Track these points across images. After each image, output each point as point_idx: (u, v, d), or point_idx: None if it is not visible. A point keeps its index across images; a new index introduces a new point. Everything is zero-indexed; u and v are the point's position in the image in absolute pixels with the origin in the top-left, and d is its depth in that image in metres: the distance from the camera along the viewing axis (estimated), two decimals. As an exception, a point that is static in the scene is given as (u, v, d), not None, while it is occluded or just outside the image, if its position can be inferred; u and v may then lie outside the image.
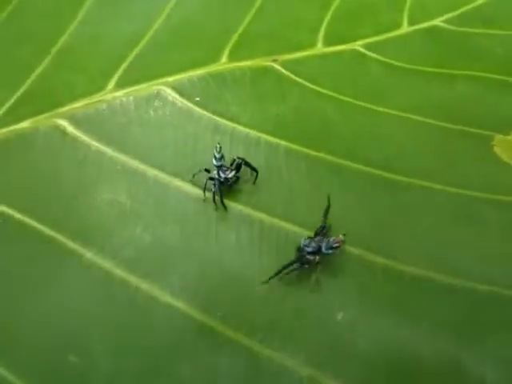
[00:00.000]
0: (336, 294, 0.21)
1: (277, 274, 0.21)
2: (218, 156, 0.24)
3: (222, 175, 0.23)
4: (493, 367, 0.19)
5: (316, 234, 0.22)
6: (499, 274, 0.21)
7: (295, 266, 0.21)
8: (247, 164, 0.24)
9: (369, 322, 0.20)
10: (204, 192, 0.23)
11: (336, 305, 0.20)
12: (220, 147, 0.24)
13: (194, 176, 0.24)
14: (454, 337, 0.19)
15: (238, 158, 0.24)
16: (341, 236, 0.22)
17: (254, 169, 0.24)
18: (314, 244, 0.22)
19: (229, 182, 0.23)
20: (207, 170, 0.24)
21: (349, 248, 0.22)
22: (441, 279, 0.21)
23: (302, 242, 0.22)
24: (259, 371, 0.19)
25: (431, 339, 0.19)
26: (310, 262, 0.21)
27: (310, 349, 0.19)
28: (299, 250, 0.22)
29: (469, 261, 0.22)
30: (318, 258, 0.21)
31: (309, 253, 0.21)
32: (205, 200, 0.23)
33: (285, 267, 0.21)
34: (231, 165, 0.24)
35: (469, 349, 0.19)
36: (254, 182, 0.24)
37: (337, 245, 0.22)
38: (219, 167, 0.24)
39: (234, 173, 0.24)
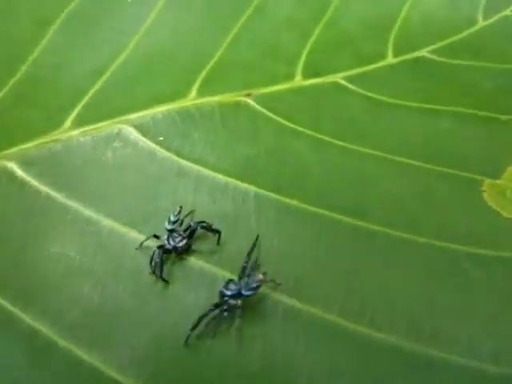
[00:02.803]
0: (304, 364, 0.18)
1: (194, 327, 0.19)
2: (172, 219, 0.22)
3: (172, 243, 0.21)
4: None
5: (240, 277, 0.20)
6: (484, 349, 0.19)
7: (215, 313, 0.19)
8: (206, 228, 0.22)
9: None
10: (151, 263, 0.21)
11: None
12: (180, 210, 0.22)
13: (141, 245, 0.21)
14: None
15: (197, 222, 0.22)
16: (260, 275, 0.20)
17: (215, 231, 0.22)
18: (233, 286, 0.20)
19: (178, 251, 0.21)
20: (156, 237, 0.22)
21: (319, 312, 0.20)
22: (417, 349, 0.19)
23: (222, 285, 0.20)
24: None
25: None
26: (230, 307, 0.19)
27: None
28: (220, 295, 0.20)
29: (449, 330, 0.19)
30: (239, 302, 0.19)
31: (229, 296, 0.19)
32: (151, 273, 0.21)
33: (202, 317, 0.19)
34: (186, 230, 0.22)
35: None
36: (218, 243, 0.22)
37: (256, 284, 0.20)
38: (170, 232, 0.22)
39: (185, 241, 0.21)
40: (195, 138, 0.25)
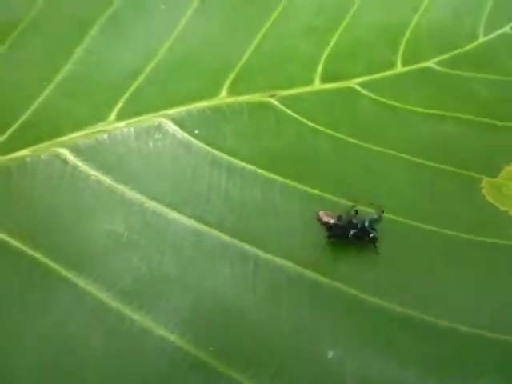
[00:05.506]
0: (327, 332, 0.21)
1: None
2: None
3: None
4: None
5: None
6: (484, 317, 0.22)
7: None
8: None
9: (358, 361, 0.20)
10: None
11: (326, 343, 0.21)
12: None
13: None
14: (440, 378, 0.20)
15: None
16: None
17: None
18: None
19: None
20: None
21: (341, 286, 0.23)
22: (426, 320, 0.22)
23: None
24: (249, 407, 0.19)
25: (418, 380, 0.20)
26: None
27: (300, 386, 0.20)
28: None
29: (454, 302, 0.22)
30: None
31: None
32: None
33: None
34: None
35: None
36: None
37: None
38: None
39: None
40: (227, 133, 0.28)
